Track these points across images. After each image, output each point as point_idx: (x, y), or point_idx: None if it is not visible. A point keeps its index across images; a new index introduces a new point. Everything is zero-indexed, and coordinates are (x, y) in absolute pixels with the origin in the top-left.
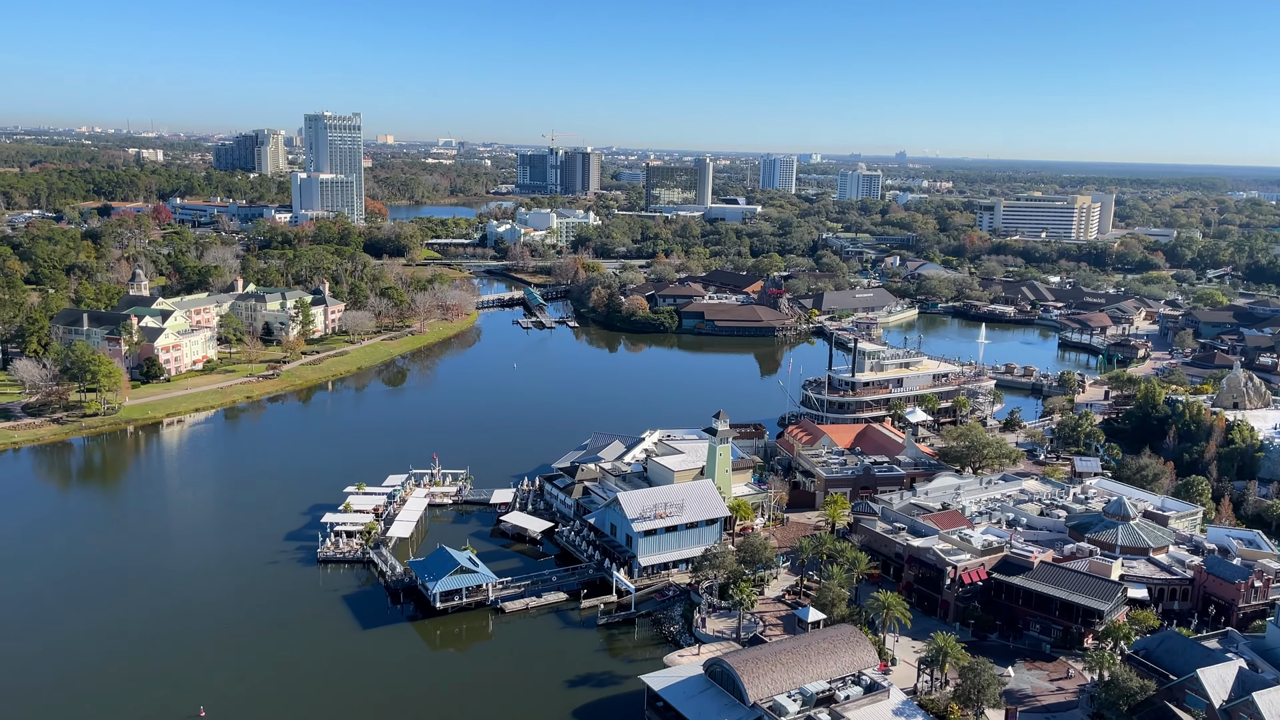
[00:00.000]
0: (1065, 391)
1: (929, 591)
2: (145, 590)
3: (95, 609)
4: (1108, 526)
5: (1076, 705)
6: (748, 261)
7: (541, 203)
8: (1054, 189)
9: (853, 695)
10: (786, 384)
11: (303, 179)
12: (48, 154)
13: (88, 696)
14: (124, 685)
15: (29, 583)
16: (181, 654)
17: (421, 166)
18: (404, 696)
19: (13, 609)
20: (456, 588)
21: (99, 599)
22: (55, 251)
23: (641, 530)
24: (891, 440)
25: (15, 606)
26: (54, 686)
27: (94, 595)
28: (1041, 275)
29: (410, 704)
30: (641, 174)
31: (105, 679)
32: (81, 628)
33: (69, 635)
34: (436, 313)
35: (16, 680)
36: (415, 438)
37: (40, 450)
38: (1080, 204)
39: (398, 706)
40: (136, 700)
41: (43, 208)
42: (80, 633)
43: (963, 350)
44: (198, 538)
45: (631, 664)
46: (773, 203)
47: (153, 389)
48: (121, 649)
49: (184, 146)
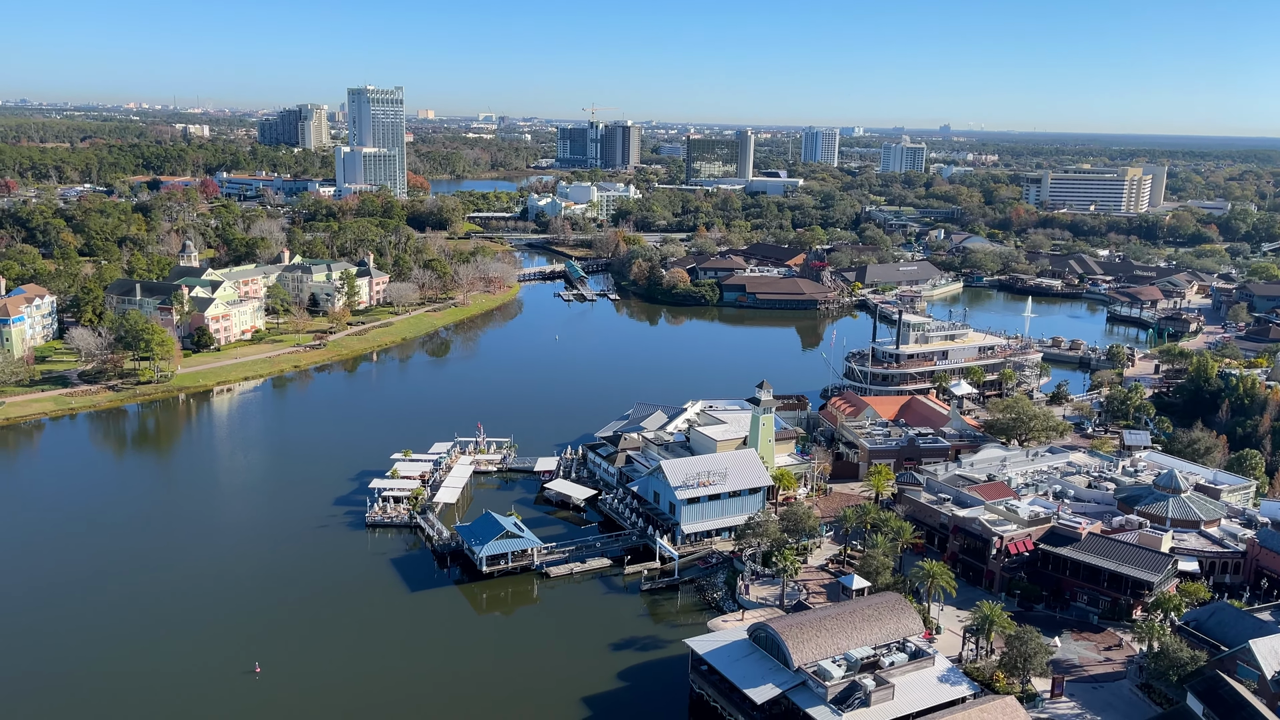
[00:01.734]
0: (1114, 365)
1: (974, 562)
2: (199, 552)
3: (152, 569)
4: (1158, 499)
5: (1125, 676)
6: (789, 235)
7: (582, 176)
8: (1103, 162)
9: (897, 662)
10: (829, 356)
11: (346, 153)
12: (97, 130)
13: (148, 652)
14: (182, 642)
15: (90, 544)
16: (236, 613)
17: (462, 141)
18: (451, 657)
19: (75, 569)
20: (502, 552)
21: (156, 559)
22: (107, 224)
23: (685, 498)
24: (936, 412)
25: (77, 566)
26: (116, 642)
27: (151, 556)
28: (1090, 249)
29: (458, 664)
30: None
31: (164, 636)
32: (140, 587)
33: (128, 594)
34: (479, 285)
35: (81, 636)
36: (459, 407)
37: (97, 416)
38: (1131, 176)
39: (446, 666)
40: (195, 656)
41: (94, 182)
42: (139, 592)
43: (1008, 324)
44: (249, 501)
45: (675, 629)
46: (814, 176)
47: (203, 358)
48: (178, 608)
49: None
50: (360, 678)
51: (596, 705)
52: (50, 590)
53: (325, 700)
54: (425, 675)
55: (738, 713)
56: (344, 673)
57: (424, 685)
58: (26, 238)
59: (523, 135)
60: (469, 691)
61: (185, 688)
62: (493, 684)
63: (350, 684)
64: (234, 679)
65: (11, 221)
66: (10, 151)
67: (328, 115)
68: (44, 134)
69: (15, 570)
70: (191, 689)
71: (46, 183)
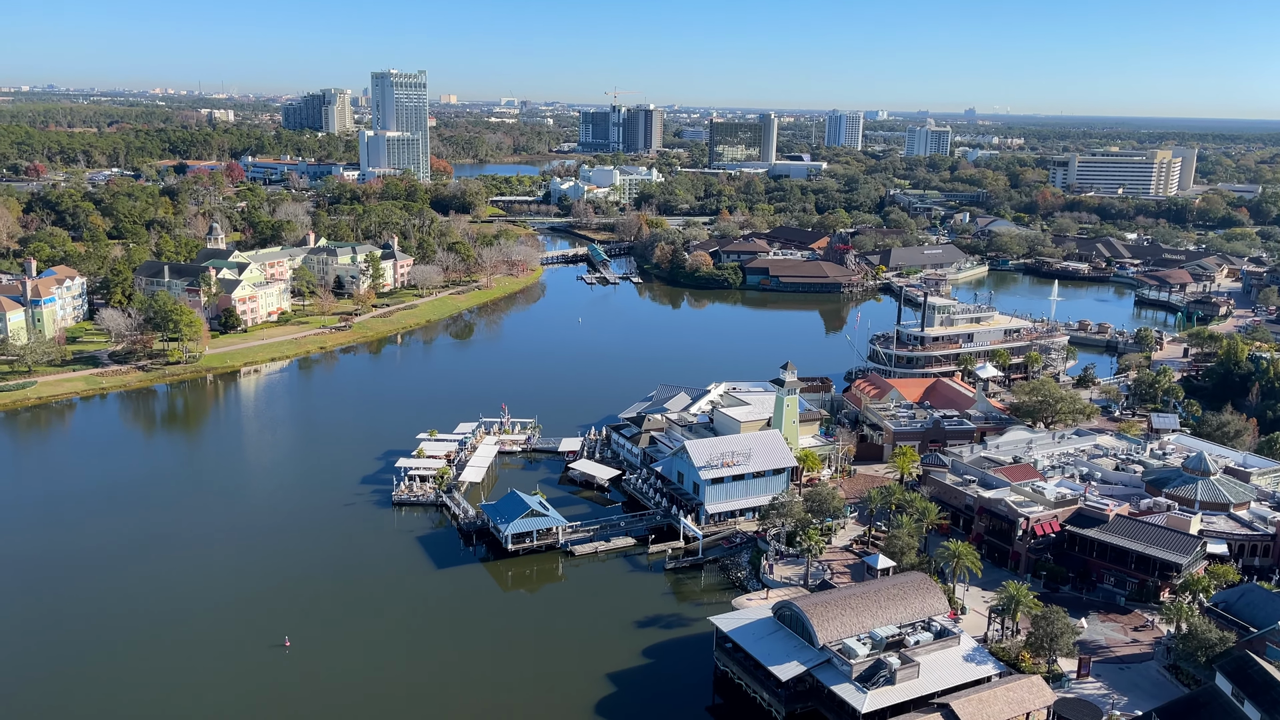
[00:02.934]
0: (1142, 348)
1: (1000, 543)
2: (228, 528)
3: (183, 545)
4: (1187, 481)
5: (1152, 657)
6: (813, 218)
7: (604, 160)
8: (1131, 145)
9: (923, 640)
10: (853, 339)
11: (370, 137)
12: (124, 115)
13: (180, 626)
14: (213, 616)
15: (120, 521)
16: (264, 588)
17: (485, 125)
18: (477, 632)
19: (106, 545)
20: (528, 530)
21: (186, 535)
22: (135, 207)
23: (709, 478)
24: (961, 394)
25: (109, 542)
26: (148, 616)
27: (181, 532)
28: (1118, 232)
29: (484, 640)
30: (704, 132)
31: (195, 610)
32: (169, 563)
33: (160, 569)
34: (502, 268)
35: (113, 609)
36: (483, 388)
37: (127, 396)
38: (1160, 159)
39: (471, 642)
40: (226, 630)
41: (121, 166)
42: (168, 568)
43: (1034, 308)
44: (276, 480)
45: (699, 607)
46: (838, 159)
47: (230, 339)
48: (208, 582)
49: (253, 107)
50: (387, 652)
51: (621, 681)
52: (83, 565)
53: (353, 673)
54: (451, 650)
55: (762, 690)
56: (371, 647)
57: (449, 660)
58: (56, 220)
59: (545, 119)
60: (494, 667)
61: (217, 660)
62: (518, 660)
63: (377, 657)
64: (264, 652)
65: (41, 205)
66: (39, 136)
67: (351, 100)
68: (71, 119)
69: (49, 545)
70: (223, 661)
71: (75, 167)
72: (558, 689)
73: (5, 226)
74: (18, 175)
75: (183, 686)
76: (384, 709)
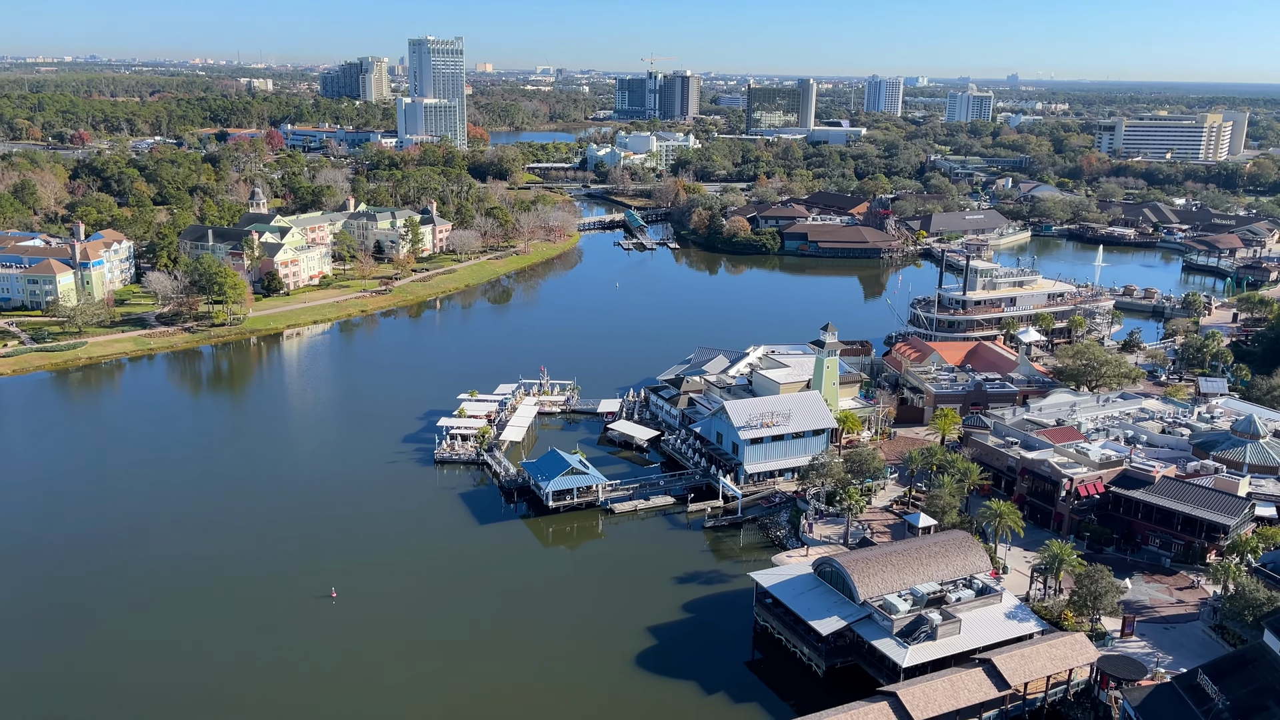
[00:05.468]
0: (1189, 313)
1: (1042, 504)
2: (273, 485)
3: (227, 500)
4: (1235, 444)
5: (1198, 617)
6: (852, 184)
7: (640, 127)
8: (1180, 109)
9: (964, 598)
10: (894, 303)
11: (407, 104)
12: (165, 84)
13: (230, 578)
14: (261, 569)
15: (168, 478)
16: (311, 543)
17: (520, 93)
18: (518, 586)
19: (155, 501)
20: (568, 488)
21: (232, 493)
22: (178, 174)
23: (748, 438)
24: (1004, 358)
25: (157, 499)
26: (198, 569)
27: (227, 490)
28: (1166, 197)
29: (524, 593)
30: (741, 99)
31: (243, 563)
32: (217, 519)
33: (206, 525)
34: (540, 233)
35: (165, 564)
36: (522, 351)
37: (174, 356)
38: (1210, 123)
39: (513, 595)
40: (274, 582)
41: (163, 134)
42: (217, 524)
43: (1078, 273)
44: (320, 438)
45: (739, 564)
46: (878, 125)
47: (273, 302)
48: (255, 535)
49: (292, 76)
50: (430, 604)
51: (661, 635)
52: (134, 520)
53: (397, 623)
54: (492, 603)
55: (802, 644)
56: (415, 599)
57: (491, 612)
58: (102, 187)
59: (580, 87)
60: (535, 618)
61: (265, 610)
62: (559, 612)
63: (420, 610)
64: (311, 603)
65: (87, 171)
66: (83, 105)
67: (388, 69)
68: (114, 89)
69: (104, 499)
70: (271, 612)
71: (119, 135)
72: (598, 641)
73: (53, 192)
74: (64, 143)
75: (233, 635)
76: (425, 657)
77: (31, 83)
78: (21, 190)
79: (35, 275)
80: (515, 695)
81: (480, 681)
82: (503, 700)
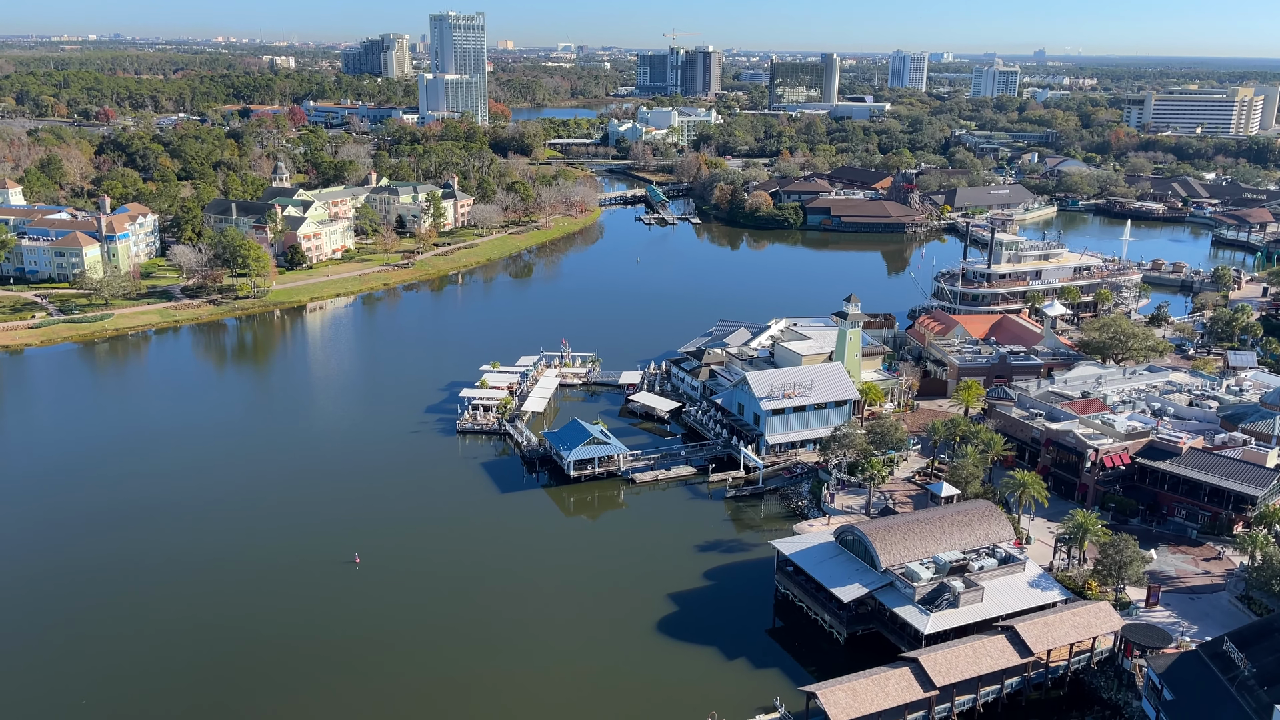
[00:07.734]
0: (1219, 287)
1: (1067, 475)
2: (297, 453)
3: (253, 469)
4: (1264, 416)
5: (1224, 587)
6: (875, 159)
7: (662, 102)
8: (1210, 84)
9: (987, 566)
10: (917, 276)
11: (429, 80)
12: (188, 62)
13: (256, 543)
14: (287, 535)
15: (194, 446)
16: (335, 509)
17: (542, 70)
18: (541, 554)
19: (183, 469)
20: (589, 457)
21: (256, 462)
22: (202, 149)
23: (770, 409)
24: (1028, 330)
25: (185, 467)
26: (225, 534)
27: (251, 459)
28: (1195, 172)
29: (548, 560)
30: (764, 75)
31: (270, 528)
32: (243, 485)
33: (233, 491)
34: (561, 208)
35: (193, 529)
36: (543, 324)
37: (199, 328)
38: (1241, 97)
39: (535, 562)
40: (300, 547)
41: (187, 111)
42: (242, 490)
43: (1105, 247)
44: (344, 408)
45: (760, 533)
46: (902, 101)
47: (296, 275)
48: (280, 503)
49: (313, 54)
50: (452, 570)
51: (682, 602)
52: (163, 487)
53: (419, 589)
54: (515, 570)
55: (823, 612)
56: (437, 565)
57: (514, 579)
58: (127, 162)
59: (602, 64)
60: (556, 585)
61: (291, 574)
62: (581, 579)
63: (443, 575)
64: (335, 568)
65: (112, 147)
66: (108, 82)
67: (409, 46)
68: (138, 66)
69: (135, 463)
70: (296, 576)
71: (143, 111)
72: (620, 608)
73: (79, 168)
74: (89, 119)
75: (260, 598)
76: (448, 621)
77: (57, 60)
78: (48, 165)
79: (62, 248)
80: (536, 659)
81: (500, 647)
82: (523, 664)
